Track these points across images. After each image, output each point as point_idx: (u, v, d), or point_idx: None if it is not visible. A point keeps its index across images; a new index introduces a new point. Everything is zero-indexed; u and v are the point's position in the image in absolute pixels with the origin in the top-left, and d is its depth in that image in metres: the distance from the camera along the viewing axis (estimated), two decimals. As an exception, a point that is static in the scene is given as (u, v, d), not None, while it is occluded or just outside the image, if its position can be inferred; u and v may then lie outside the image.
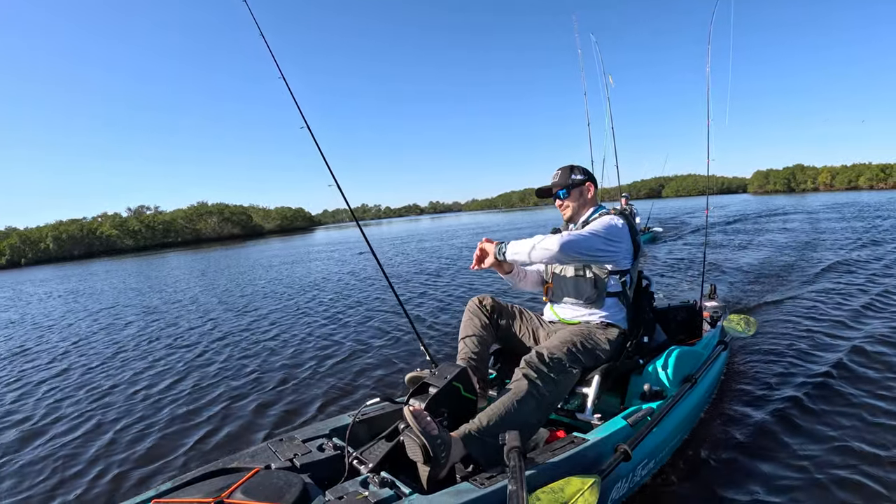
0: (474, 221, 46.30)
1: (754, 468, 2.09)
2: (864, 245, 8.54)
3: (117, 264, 25.51)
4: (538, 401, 1.73)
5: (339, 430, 1.90)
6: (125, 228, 56.58)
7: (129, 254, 46.89)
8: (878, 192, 45.47)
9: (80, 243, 52.04)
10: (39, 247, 49.54)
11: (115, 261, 31.80)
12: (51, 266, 37.67)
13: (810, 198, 39.08)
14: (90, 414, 3.42)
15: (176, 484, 1.50)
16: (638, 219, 11.40)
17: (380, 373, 3.71)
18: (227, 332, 5.63)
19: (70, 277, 18.88)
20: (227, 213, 65.21)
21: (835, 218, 15.40)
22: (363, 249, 16.85)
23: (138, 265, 22.90)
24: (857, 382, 2.83)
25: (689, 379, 2.15)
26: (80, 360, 5.00)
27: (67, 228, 52.81)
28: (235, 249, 31.74)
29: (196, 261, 20.71)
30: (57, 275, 21.88)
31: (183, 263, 20.29)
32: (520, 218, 45.27)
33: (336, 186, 2.65)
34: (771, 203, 32.42)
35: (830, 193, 51.80)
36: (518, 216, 53.40)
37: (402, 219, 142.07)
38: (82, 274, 20.04)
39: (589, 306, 2.09)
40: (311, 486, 1.45)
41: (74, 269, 22.80)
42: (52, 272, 24.11)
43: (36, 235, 51.01)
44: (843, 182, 67.72)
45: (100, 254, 50.70)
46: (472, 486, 1.42)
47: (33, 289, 15.46)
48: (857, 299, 4.67)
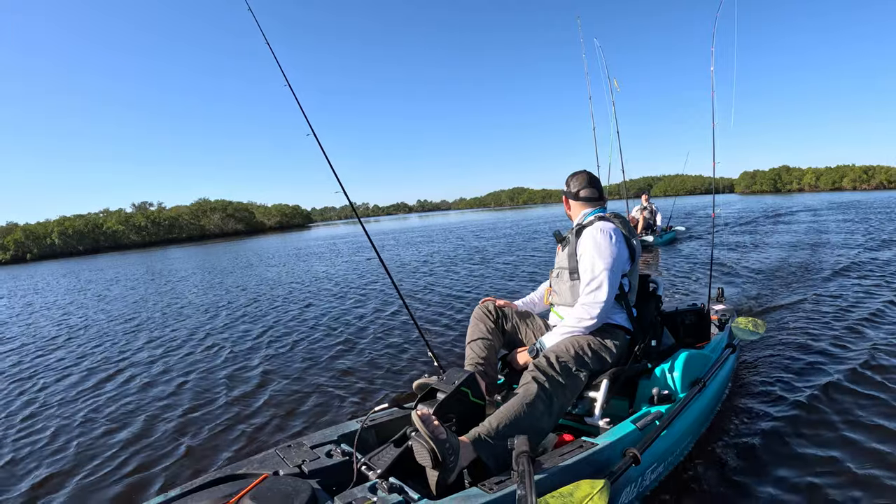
0: (467, 220, 46.12)
1: (764, 472, 2.07)
2: (874, 247, 8.47)
3: (145, 256, 25.58)
4: (547, 404, 1.73)
5: (348, 435, 1.90)
6: (131, 224, 56.74)
7: (138, 249, 47.08)
8: (863, 193, 47.21)
9: (87, 238, 52.09)
10: (45, 242, 49.49)
11: (140, 253, 31.55)
12: (59, 261, 37.69)
13: (798, 198, 39.54)
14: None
15: (184, 490, 1.51)
16: (659, 217, 10.96)
17: (387, 378, 3.70)
18: (227, 333, 5.64)
19: (134, 265, 18.78)
20: (230, 210, 66.03)
21: (841, 219, 15.29)
22: (363, 251, 16.90)
23: (191, 255, 22.64)
24: (868, 386, 2.80)
25: (698, 382, 2.14)
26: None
27: (73, 224, 52.79)
28: (241, 244, 32.06)
29: (211, 255, 20.74)
30: (93, 266, 21.97)
31: (204, 256, 20.36)
32: (510, 216, 45.28)
33: (342, 192, 2.67)
34: (763, 203, 32.59)
35: (815, 194, 53.02)
36: (509, 215, 53.47)
37: (390, 217, 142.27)
38: (129, 264, 20.11)
39: None
40: (320, 493, 1.46)
41: (110, 261, 22.77)
42: (78, 265, 24.16)
43: (41, 231, 50.81)
44: (827, 183, 69.68)
45: (106, 249, 50.75)
46: (480, 491, 1.41)
47: (91, 275, 15.55)
48: (868, 302, 4.63)
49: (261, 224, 69.16)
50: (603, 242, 1.97)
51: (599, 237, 1.99)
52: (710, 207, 23.58)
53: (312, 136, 2.58)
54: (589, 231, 2.04)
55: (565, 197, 2.28)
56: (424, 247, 16.88)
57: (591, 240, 2.00)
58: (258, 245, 29.80)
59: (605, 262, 1.94)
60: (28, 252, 47.50)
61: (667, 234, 11.27)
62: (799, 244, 9.60)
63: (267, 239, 40.79)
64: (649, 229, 10.67)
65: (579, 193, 2.22)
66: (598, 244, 1.97)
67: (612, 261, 1.94)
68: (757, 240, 11.02)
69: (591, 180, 2.23)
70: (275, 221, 72.25)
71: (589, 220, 2.12)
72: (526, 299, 2.48)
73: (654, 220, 10.87)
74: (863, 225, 12.78)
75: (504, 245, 14.86)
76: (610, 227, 2.03)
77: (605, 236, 1.99)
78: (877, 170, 66.19)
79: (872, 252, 7.82)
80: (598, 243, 1.97)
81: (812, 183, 71.52)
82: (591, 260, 1.96)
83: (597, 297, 1.91)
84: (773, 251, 8.87)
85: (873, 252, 7.81)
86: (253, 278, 11.64)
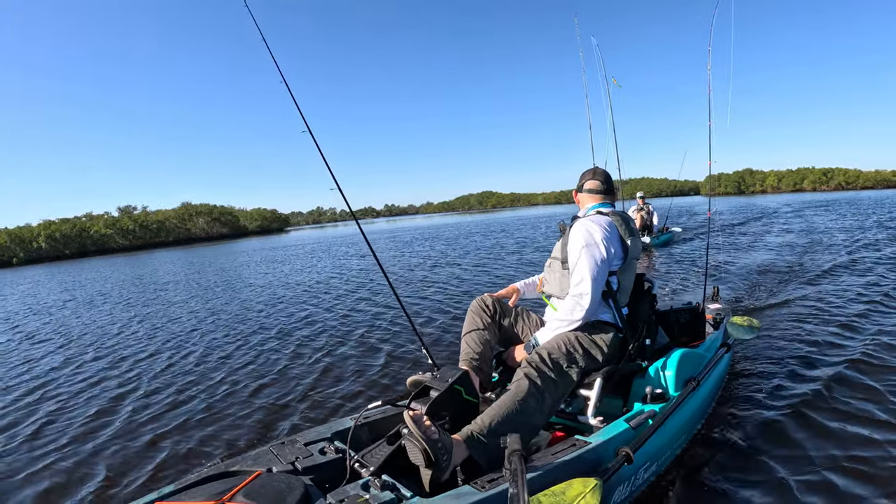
0: (441, 223, 46.42)
1: (758, 470, 2.08)
2: (866, 245, 8.50)
3: (140, 259, 25.47)
4: (539, 401, 1.73)
5: (341, 433, 1.90)
6: (118, 227, 56.51)
7: (125, 252, 46.89)
8: (823, 193, 50.39)
9: (73, 242, 51.67)
10: (31, 246, 49.00)
11: (128, 256, 31.76)
12: (46, 265, 37.44)
13: (761, 199, 41.70)
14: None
15: (178, 487, 1.51)
16: (655, 218, 10.88)
17: (381, 375, 3.70)
18: (225, 332, 5.64)
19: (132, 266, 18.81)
20: (215, 213, 67.18)
21: (830, 217, 15.38)
22: (353, 250, 16.92)
23: (189, 257, 22.66)
24: (861, 384, 2.81)
25: (692, 381, 2.15)
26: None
27: (59, 227, 52.39)
28: (229, 247, 32.03)
29: (208, 257, 20.70)
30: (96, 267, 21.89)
31: (202, 258, 20.31)
32: (479, 219, 45.84)
33: (338, 189, 2.68)
34: (732, 203, 33.47)
35: (777, 195, 55.32)
36: (478, 218, 54.19)
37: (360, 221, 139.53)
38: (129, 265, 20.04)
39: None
40: (313, 490, 1.46)
41: (106, 263, 22.64)
42: (72, 268, 24.07)
43: (27, 234, 50.29)
44: (788, 185, 74.12)
45: (93, 253, 50.44)
46: (473, 489, 1.41)
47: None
48: (861, 299, 4.65)
49: (244, 228, 71.48)
50: (593, 237, 1.96)
51: (590, 231, 1.98)
52: (691, 208, 23.44)
53: (308, 133, 2.56)
54: (582, 224, 2.03)
55: (575, 191, 2.33)
56: (406, 248, 16.94)
57: (581, 234, 1.99)
58: (246, 247, 30.05)
59: (591, 258, 1.93)
60: (14, 256, 47.00)
61: (663, 234, 11.22)
62: (793, 244, 9.63)
63: (250, 241, 41.60)
64: (646, 230, 10.65)
65: (584, 185, 2.24)
66: (587, 239, 1.96)
67: (599, 256, 1.93)
68: (751, 240, 11.05)
69: (597, 173, 2.24)
70: (256, 225, 75.16)
71: (589, 214, 2.12)
72: (528, 281, 2.49)
73: (651, 220, 10.84)
74: (851, 222, 12.87)
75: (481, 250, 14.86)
76: (604, 222, 2.01)
77: (598, 231, 1.97)
78: (835, 172, 71.22)
79: (865, 251, 7.85)
80: (587, 238, 1.96)
81: (774, 185, 75.47)
82: (578, 254, 1.96)
83: (582, 292, 1.91)
84: (768, 250, 8.89)
85: (866, 251, 7.84)
86: (240, 280, 11.63)
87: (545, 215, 40.78)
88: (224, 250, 28.37)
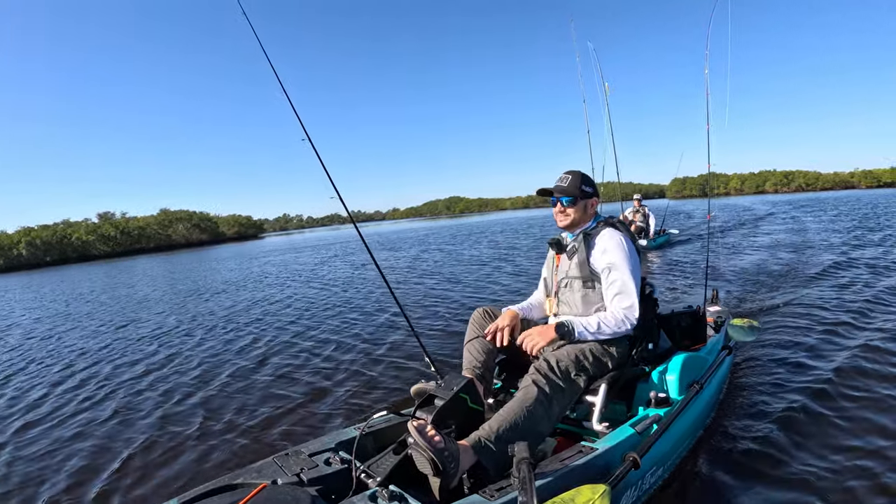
0: (409, 227, 46.68)
1: (763, 471, 2.08)
2: (859, 245, 8.56)
3: (125, 265, 25.25)
4: (546, 408, 1.72)
5: (346, 443, 1.89)
6: (100, 234, 56.31)
7: (106, 259, 46.52)
8: (785, 195, 53.74)
9: (54, 249, 51.40)
10: (11, 253, 48.67)
11: (111, 263, 31.61)
12: (27, 273, 36.85)
13: (723, 201, 44.35)
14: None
15: (181, 501, 1.49)
16: (652, 220, 10.91)
17: (385, 384, 3.68)
18: (223, 343, 5.60)
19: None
20: (195, 220, 68.05)
21: (822, 218, 15.50)
22: (354, 256, 16.87)
23: (178, 263, 22.63)
24: (863, 384, 2.82)
25: (695, 385, 2.15)
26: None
27: (39, 234, 52.17)
28: (208, 253, 31.98)
29: (198, 263, 20.58)
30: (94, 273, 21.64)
31: (192, 264, 20.19)
32: (448, 224, 46.07)
33: (338, 197, 2.66)
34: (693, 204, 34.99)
35: (741, 197, 57.84)
36: (446, 223, 54.63)
37: (325, 228, 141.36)
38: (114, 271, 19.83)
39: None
40: (319, 501, 1.44)
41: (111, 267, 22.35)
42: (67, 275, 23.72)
43: (7, 241, 49.89)
44: (751, 187, 77.50)
45: (74, 260, 50.00)
46: (481, 498, 1.41)
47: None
48: (861, 298, 4.67)
49: (222, 234, 72.93)
50: (625, 249, 2.00)
51: (622, 242, 2.01)
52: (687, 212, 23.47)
53: (307, 142, 2.56)
54: (608, 238, 2.03)
55: (592, 199, 2.17)
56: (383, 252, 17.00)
57: (615, 246, 2.00)
58: (227, 252, 30.06)
59: (630, 270, 1.97)
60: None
61: (660, 237, 11.21)
62: (787, 245, 9.68)
63: (230, 247, 41.80)
64: (642, 233, 10.68)
65: (597, 191, 2.20)
66: (623, 252, 1.99)
67: (633, 267, 1.99)
68: (748, 242, 11.10)
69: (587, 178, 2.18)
70: (234, 231, 77.03)
71: (594, 227, 2.11)
72: (524, 304, 2.44)
73: (647, 223, 10.87)
74: (842, 223, 12.98)
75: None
76: (625, 231, 2.08)
77: (625, 242, 2.02)
78: (796, 174, 75.62)
79: (859, 250, 7.91)
80: (623, 252, 1.99)
81: (738, 187, 78.57)
82: (621, 268, 1.97)
83: (629, 305, 1.94)
84: (766, 252, 8.94)
85: (860, 250, 7.90)
86: (231, 286, 11.58)
87: (515, 219, 41.36)
88: (208, 255, 28.30)
